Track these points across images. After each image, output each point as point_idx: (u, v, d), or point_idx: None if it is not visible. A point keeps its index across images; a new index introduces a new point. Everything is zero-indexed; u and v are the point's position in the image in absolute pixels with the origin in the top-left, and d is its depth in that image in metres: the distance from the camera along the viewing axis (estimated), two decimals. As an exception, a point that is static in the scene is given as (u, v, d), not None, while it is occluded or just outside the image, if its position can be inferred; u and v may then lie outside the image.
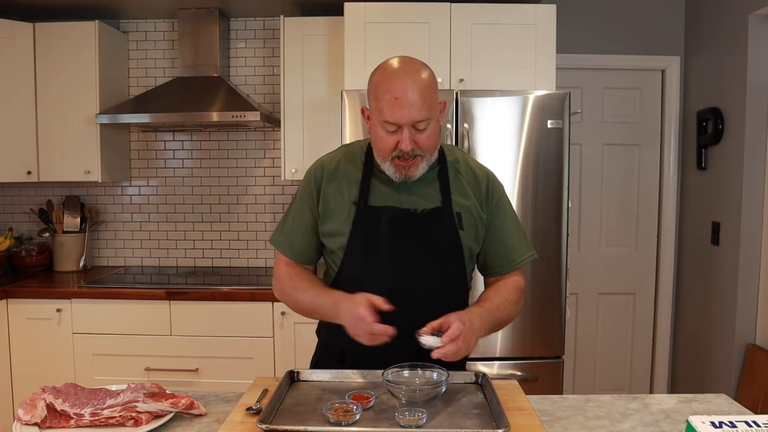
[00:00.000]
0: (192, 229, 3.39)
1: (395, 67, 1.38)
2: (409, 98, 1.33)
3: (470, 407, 1.28)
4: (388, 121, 1.35)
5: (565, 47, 3.06)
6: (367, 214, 1.45)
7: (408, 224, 1.45)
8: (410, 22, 2.72)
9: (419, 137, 1.37)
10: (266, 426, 1.16)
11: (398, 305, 1.42)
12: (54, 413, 1.24)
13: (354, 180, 1.49)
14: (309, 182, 1.53)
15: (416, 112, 1.34)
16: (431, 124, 1.38)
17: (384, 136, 1.38)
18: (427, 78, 1.37)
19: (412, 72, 1.36)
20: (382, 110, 1.36)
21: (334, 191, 1.49)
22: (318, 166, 1.55)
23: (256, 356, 2.76)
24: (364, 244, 1.45)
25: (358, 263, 1.47)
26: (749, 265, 2.73)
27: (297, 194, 1.57)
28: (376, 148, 1.43)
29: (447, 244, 1.46)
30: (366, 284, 1.44)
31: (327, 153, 1.60)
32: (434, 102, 1.38)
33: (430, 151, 1.41)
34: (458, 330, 1.27)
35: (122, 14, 3.26)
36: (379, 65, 1.42)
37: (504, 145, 2.49)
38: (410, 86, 1.34)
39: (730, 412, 1.36)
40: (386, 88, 1.35)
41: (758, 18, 2.64)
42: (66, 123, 3.02)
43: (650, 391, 3.47)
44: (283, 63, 2.94)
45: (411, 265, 1.45)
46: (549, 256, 2.51)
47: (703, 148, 3.07)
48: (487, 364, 2.53)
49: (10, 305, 2.79)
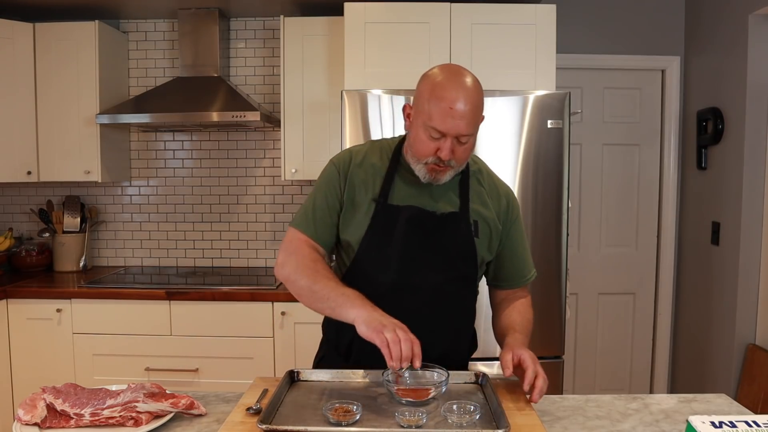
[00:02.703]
0: (192, 229, 3.39)
1: (456, 76, 1.38)
2: (463, 111, 1.34)
3: (470, 407, 1.28)
4: (436, 128, 1.36)
5: (565, 47, 3.06)
6: (387, 212, 1.46)
7: (425, 225, 1.46)
8: (410, 22, 2.71)
9: (458, 149, 1.38)
10: (266, 426, 1.16)
11: (407, 302, 1.44)
12: (54, 413, 1.24)
13: (379, 175, 1.49)
14: (336, 168, 1.52)
15: (464, 126, 1.35)
16: (472, 139, 1.40)
17: (425, 140, 1.38)
18: (481, 95, 1.39)
19: (471, 87, 1.37)
20: (432, 116, 1.35)
21: (359, 181, 1.49)
22: (345, 155, 1.54)
23: (256, 356, 2.76)
24: (380, 240, 1.46)
25: (371, 258, 1.47)
26: (749, 265, 2.73)
27: (321, 179, 1.54)
28: (414, 150, 1.43)
29: (461, 248, 1.48)
30: (376, 278, 1.46)
31: (354, 145, 1.60)
32: (480, 119, 1.40)
33: (462, 162, 1.44)
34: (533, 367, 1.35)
35: (122, 14, 3.26)
36: (439, 68, 1.42)
37: (504, 145, 2.49)
38: (467, 99, 1.34)
39: (730, 412, 1.36)
40: (443, 96, 1.35)
41: (758, 18, 2.64)
42: (66, 123, 3.02)
43: (650, 391, 3.47)
44: (283, 63, 2.94)
45: (422, 265, 1.46)
46: (549, 256, 2.51)
47: (703, 148, 3.07)
48: (487, 364, 2.52)
49: (10, 305, 2.79)
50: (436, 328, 1.47)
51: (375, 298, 1.41)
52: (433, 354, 1.36)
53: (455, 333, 1.55)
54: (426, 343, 1.32)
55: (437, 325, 1.47)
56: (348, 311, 1.34)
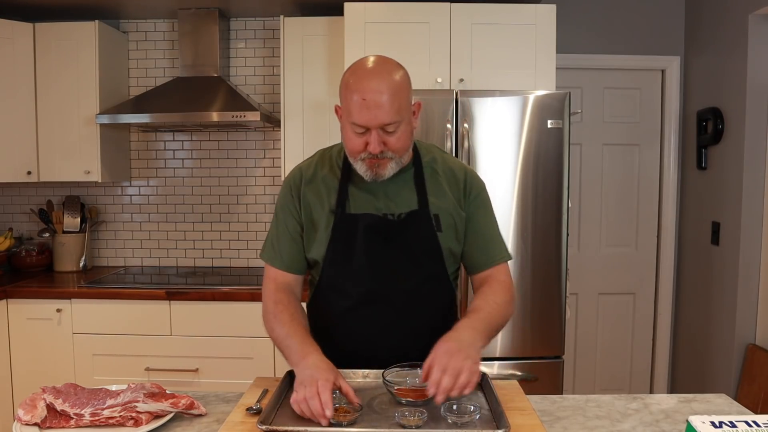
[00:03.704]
0: (192, 229, 3.39)
1: (366, 67, 1.35)
2: (378, 101, 1.29)
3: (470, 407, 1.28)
4: (356, 123, 1.33)
5: (565, 47, 3.06)
6: (345, 222, 1.43)
7: (384, 230, 1.43)
8: (410, 22, 2.72)
9: (388, 139, 1.34)
10: (266, 426, 1.16)
11: (379, 310, 1.43)
12: (54, 413, 1.24)
13: (332, 187, 1.46)
14: (289, 191, 1.50)
15: (384, 115, 1.30)
16: (401, 126, 1.35)
17: (353, 137, 1.35)
18: (399, 80, 1.34)
19: (383, 73, 1.33)
20: (351, 111, 1.33)
21: (314, 198, 1.47)
22: (296, 173, 1.52)
23: (256, 356, 2.76)
24: (342, 252, 1.44)
25: (337, 272, 1.45)
26: (749, 265, 2.73)
27: (278, 204, 1.52)
28: (346, 148, 1.40)
29: (425, 247, 1.44)
30: (345, 290, 1.45)
31: (304, 159, 1.57)
32: (405, 104, 1.34)
33: (400, 153, 1.38)
34: (438, 365, 1.20)
35: (122, 14, 3.26)
36: (352, 64, 1.39)
37: (504, 145, 2.49)
38: (379, 88, 1.30)
39: (730, 412, 1.36)
40: (355, 89, 1.32)
41: (758, 18, 2.64)
42: (66, 123, 3.02)
43: (650, 391, 3.47)
44: (283, 63, 2.94)
45: (389, 271, 1.44)
46: (549, 256, 2.51)
47: (703, 148, 3.07)
48: (487, 364, 2.53)
49: (10, 305, 2.79)
50: (413, 332, 1.45)
51: (347, 311, 1.43)
52: (416, 358, 1.33)
53: (434, 334, 1.35)
54: (407, 347, 1.32)
55: (414, 330, 1.45)
56: (291, 364, 1.35)
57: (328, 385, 1.20)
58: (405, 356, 1.36)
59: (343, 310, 1.45)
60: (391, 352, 1.40)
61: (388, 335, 1.33)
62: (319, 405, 1.16)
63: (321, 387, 1.18)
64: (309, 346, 1.34)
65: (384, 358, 1.38)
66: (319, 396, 1.17)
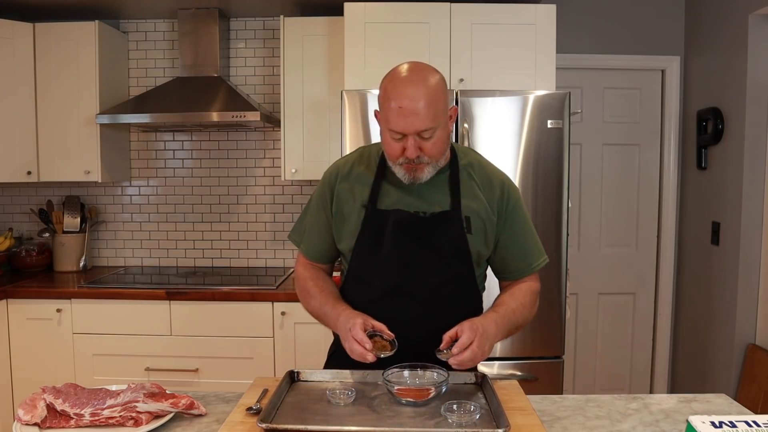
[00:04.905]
0: (192, 229, 3.39)
1: (402, 75, 1.38)
2: (413, 108, 1.33)
3: (470, 407, 1.28)
4: (393, 129, 1.36)
5: (565, 47, 3.06)
6: (375, 217, 1.47)
7: (414, 227, 1.46)
8: (410, 22, 2.72)
9: (425, 145, 1.38)
10: (266, 426, 1.16)
11: (403, 305, 1.46)
12: (54, 413, 1.24)
13: (366, 183, 1.50)
14: (325, 184, 1.57)
15: (419, 122, 1.34)
16: (437, 132, 1.38)
17: (390, 142, 1.40)
18: (435, 86, 1.36)
19: (419, 80, 1.36)
20: (388, 118, 1.37)
21: (347, 193, 1.51)
22: (333, 169, 1.57)
23: (256, 356, 2.76)
24: (371, 246, 1.47)
25: (364, 265, 1.49)
26: (749, 265, 2.73)
27: (314, 195, 1.61)
28: (386, 153, 1.45)
29: (453, 247, 1.47)
30: (371, 282, 1.48)
31: (344, 155, 1.64)
32: (441, 110, 1.37)
33: (436, 158, 1.42)
34: (468, 339, 1.30)
35: (122, 14, 3.26)
36: (390, 71, 1.42)
37: (504, 145, 2.49)
38: (414, 95, 1.33)
39: (730, 412, 1.36)
40: (391, 96, 1.35)
41: (758, 18, 2.64)
42: (66, 123, 3.02)
43: (650, 391, 3.47)
44: (283, 63, 2.94)
45: (416, 267, 1.46)
46: (549, 256, 2.49)
47: (703, 148, 3.07)
48: (487, 364, 2.53)
49: (10, 305, 2.79)
50: (435, 329, 1.45)
51: (372, 304, 1.46)
52: (435, 357, 1.36)
53: None
54: (428, 343, 1.33)
55: (437, 326, 1.46)
56: (333, 328, 1.50)
57: (357, 327, 1.34)
58: (425, 352, 1.37)
59: (369, 302, 1.48)
60: (413, 347, 1.40)
61: (411, 330, 1.37)
62: (358, 346, 1.32)
63: (353, 332, 1.34)
64: (339, 307, 1.47)
65: (405, 352, 1.39)
66: (354, 338, 1.33)
